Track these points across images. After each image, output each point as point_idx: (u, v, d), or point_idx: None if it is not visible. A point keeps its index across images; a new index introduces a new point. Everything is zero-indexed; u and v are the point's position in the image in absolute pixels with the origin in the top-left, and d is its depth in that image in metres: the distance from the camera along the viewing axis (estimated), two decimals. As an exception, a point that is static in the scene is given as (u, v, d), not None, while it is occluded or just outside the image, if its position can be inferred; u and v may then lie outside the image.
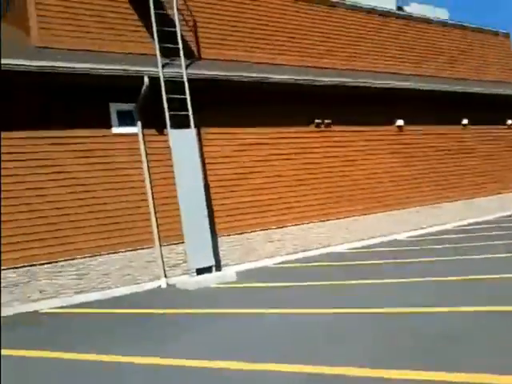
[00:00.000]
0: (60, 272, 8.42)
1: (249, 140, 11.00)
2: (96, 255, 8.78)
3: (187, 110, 9.78)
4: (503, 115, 16.96)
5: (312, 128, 12.23)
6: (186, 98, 9.83)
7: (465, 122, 15.66)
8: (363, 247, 12.21)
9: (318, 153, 12.20)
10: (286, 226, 11.33)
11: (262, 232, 10.91)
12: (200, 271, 9.33)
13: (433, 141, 14.80)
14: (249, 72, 10.79)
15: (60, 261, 8.45)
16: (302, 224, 11.61)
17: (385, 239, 12.99)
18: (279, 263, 10.87)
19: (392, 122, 13.91)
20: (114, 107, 9.29)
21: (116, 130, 9.28)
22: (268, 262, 10.85)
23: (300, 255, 11.38)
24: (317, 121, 12.29)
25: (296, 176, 11.65)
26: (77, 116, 8.88)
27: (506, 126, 17.12)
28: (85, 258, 8.68)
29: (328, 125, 12.51)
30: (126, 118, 9.41)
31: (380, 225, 13.09)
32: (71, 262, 8.56)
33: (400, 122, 14.01)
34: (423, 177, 14.37)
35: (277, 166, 11.36)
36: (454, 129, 15.46)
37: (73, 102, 8.88)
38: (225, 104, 10.63)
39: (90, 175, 8.88)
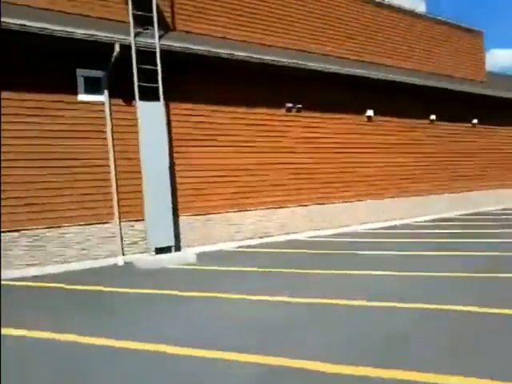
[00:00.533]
0: (14, 243, 8.04)
1: (219, 119, 10.73)
2: (52, 227, 8.43)
3: (157, 82, 9.45)
4: (470, 113, 17.24)
5: (283, 112, 12.06)
6: (156, 70, 9.48)
7: (433, 117, 15.82)
8: (323, 236, 12.25)
9: (287, 137, 12.06)
10: (249, 210, 11.19)
11: (225, 215, 10.74)
12: (159, 250, 9.11)
13: (401, 133, 14.91)
14: (223, 49, 10.44)
15: (15, 230, 8.08)
16: (265, 209, 11.50)
17: (345, 230, 13.08)
18: (239, 247, 10.75)
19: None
20: (81, 73, 8.84)
21: (82, 97, 8.84)
22: (228, 245, 10.72)
23: (260, 240, 11.29)
24: (288, 105, 12.13)
25: (262, 160, 11.48)
26: (43, 79, 8.43)
27: (470, 124, 17.39)
28: (41, 229, 8.32)
29: (299, 109, 12.36)
30: (93, 86, 8.97)
31: (336, 215, 13.15)
32: (26, 232, 8.20)
33: (370, 113, 14.05)
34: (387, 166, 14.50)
35: (245, 148, 11.15)
36: (422, 123, 15.62)
37: (39, 64, 8.40)
38: (199, 79, 10.37)
39: (51, 142, 8.49)
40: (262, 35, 12.20)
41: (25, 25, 7.91)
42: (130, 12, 9.30)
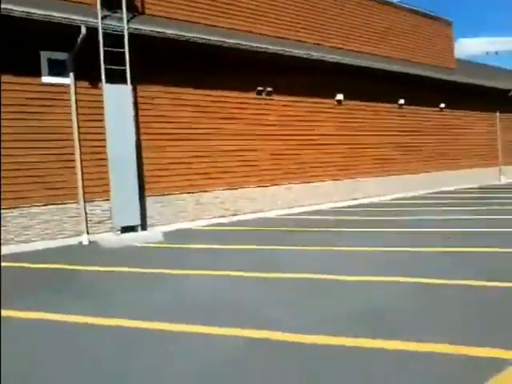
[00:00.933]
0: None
1: (186, 102, 10.92)
2: (16, 207, 8.61)
3: (125, 65, 9.61)
4: (437, 98, 17.62)
5: (253, 95, 12.28)
6: (124, 53, 9.63)
7: (401, 101, 16.15)
8: (291, 214, 12.60)
9: (258, 119, 12.30)
10: (218, 190, 11.47)
11: (192, 194, 11.01)
12: (125, 230, 9.37)
13: (370, 117, 15.24)
14: (191, 32, 10.59)
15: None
16: (234, 189, 11.79)
17: (311, 208, 13.43)
18: (207, 226, 11.05)
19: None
20: (45, 55, 8.96)
21: (46, 79, 8.98)
22: (198, 224, 11.01)
23: (230, 218, 11.60)
24: (259, 88, 12.35)
25: (232, 141, 11.73)
26: (5, 61, 8.53)
27: (438, 109, 17.81)
28: (3, 209, 8.49)
29: (269, 93, 12.59)
30: (58, 68, 9.11)
31: (303, 195, 13.49)
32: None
33: (340, 96, 14.34)
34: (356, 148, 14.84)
35: (213, 130, 11.38)
36: (391, 107, 15.96)
37: (2, 46, 8.50)
38: (167, 62, 10.57)
39: (15, 124, 8.61)
40: (232, 20, 12.35)
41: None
42: (98, -6, 9.40)
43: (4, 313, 5.05)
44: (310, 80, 13.36)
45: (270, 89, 12.53)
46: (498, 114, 20.86)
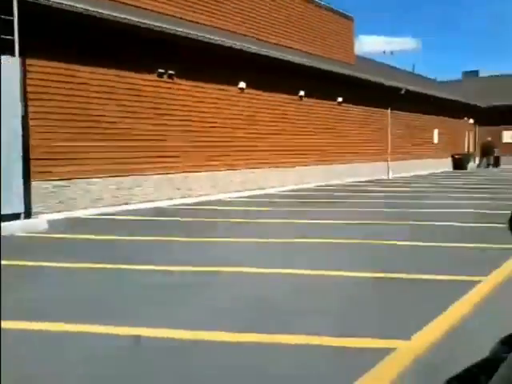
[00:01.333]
0: None
1: (83, 80, 10.21)
2: None
3: (13, 35, 8.71)
4: (335, 92, 18.13)
5: (154, 77, 11.79)
6: (12, 21, 8.72)
7: (301, 93, 16.42)
8: (186, 204, 12.34)
9: (157, 103, 11.84)
10: (109, 177, 10.88)
11: (83, 180, 10.35)
12: (7, 218, 8.58)
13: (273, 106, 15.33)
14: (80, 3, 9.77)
15: None
16: (128, 175, 11.27)
17: (212, 198, 13.28)
18: (97, 214, 10.47)
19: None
20: None
21: None
22: (89, 212, 10.39)
23: (121, 208, 11.07)
24: (160, 70, 11.87)
25: (127, 124, 11.18)
26: None
27: (336, 103, 18.36)
28: None
29: (171, 76, 12.16)
30: None
31: (203, 183, 13.32)
32: None
33: (243, 85, 14.23)
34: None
35: (108, 111, 10.76)
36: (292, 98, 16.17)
37: None
38: (63, 36, 9.84)
39: None
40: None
41: None
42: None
43: None
44: (211, 65, 13.07)
45: (171, 72, 12.10)
46: (389, 110, 21.94)
